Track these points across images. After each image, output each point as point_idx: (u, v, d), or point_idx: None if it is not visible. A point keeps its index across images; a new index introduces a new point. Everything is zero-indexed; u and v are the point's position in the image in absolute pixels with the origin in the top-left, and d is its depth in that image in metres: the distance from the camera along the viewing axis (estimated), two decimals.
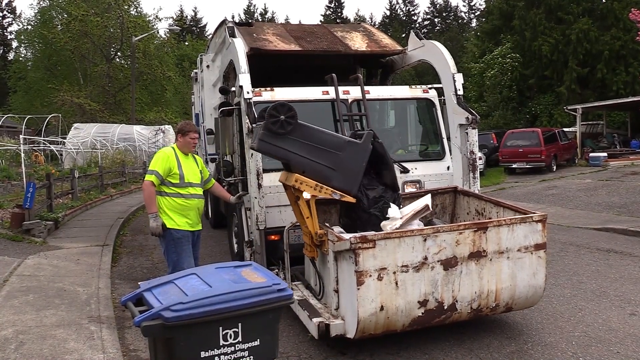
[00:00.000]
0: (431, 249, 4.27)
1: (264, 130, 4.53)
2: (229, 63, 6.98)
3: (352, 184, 4.61)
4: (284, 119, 4.47)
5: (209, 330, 3.00)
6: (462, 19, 69.47)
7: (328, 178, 4.56)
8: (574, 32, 28.82)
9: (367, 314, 4.10)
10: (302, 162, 4.55)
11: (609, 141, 26.25)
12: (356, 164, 4.62)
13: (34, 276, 6.43)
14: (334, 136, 4.77)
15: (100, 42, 36.41)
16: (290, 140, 4.53)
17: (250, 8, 68.85)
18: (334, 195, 4.55)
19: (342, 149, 4.60)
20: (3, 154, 19.60)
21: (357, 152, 4.64)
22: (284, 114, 4.47)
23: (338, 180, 4.57)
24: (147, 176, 5.04)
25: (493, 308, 4.61)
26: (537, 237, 4.64)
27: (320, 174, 4.55)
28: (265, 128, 4.51)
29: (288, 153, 4.56)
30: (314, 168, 4.55)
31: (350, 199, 4.62)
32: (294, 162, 4.60)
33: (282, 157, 4.65)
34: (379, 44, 7.69)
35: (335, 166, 4.57)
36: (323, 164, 4.56)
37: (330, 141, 4.63)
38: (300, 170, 4.56)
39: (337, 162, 4.57)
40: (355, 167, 4.62)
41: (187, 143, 5.19)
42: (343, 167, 4.58)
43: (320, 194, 4.53)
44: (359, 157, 4.63)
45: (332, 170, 4.56)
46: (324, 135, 4.67)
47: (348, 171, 4.59)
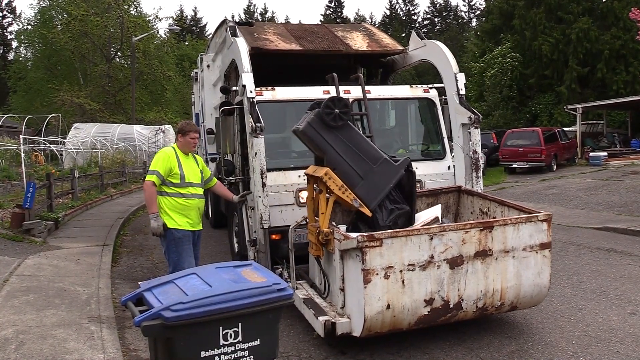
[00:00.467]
0: (437, 248, 4.27)
1: (315, 117, 4.67)
2: (230, 62, 6.97)
3: (374, 198, 4.69)
4: (338, 113, 4.63)
5: (209, 330, 3.00)
6: (462, 19, 69.53)
7: (354, 184, 4.66)
8: (574, 32, 28.82)
9: (373, 312, 4.10)
10: (337, 159, 4.68)
11: (609, 140, 26.24)
12: (384, 182, 4.72)
13: (34, 276, 6.43)
14: (373, 149, 4.87)
15: (100, 42, 36.41)
16: (334, 136, 4.69)
17: (250, 8, 68.90)
18: (354, 202, 4.63)
19: (376, 162, 4.72)
20: (3, 154, 19.59)
21: (389, 172, 4.74)
22: (339, 108, 4.64)
23: (362, 190, 4.66)
24: (147, 176, 5.04)
25: (498, 307, 4.61)
26: (542, 236, 4.65)
27: (348, 177, 4.66)
28: (318, 116, 4.66)
29: (328, 146, 4.69)
30: (346, 169, 4.67)
31: (367, 212, 4.67)
32: (330, 156, 4.71)
33: (321, 147, 4.75)
34: (380, 44, 7.68)
35: (365, 176, 4.68)
36: (355, 169, 4.68)
37: (369, 151, 4.77)
38: (332, 167, 4.67)
39: (367, 173, 4.69)
40: (382, 184, 4.71)
41: (187, 143, 5.18)
42: (371, 180, 4.69)
43: (343, 195, 4.59)
44: (388, 176, 4.73)
45: (360, 178, 4.67)
46: (365, 144, 4.82)
47: (374, 185, 4.69)
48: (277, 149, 6.63)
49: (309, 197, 5.04)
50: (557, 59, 29.79)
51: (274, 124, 6.45)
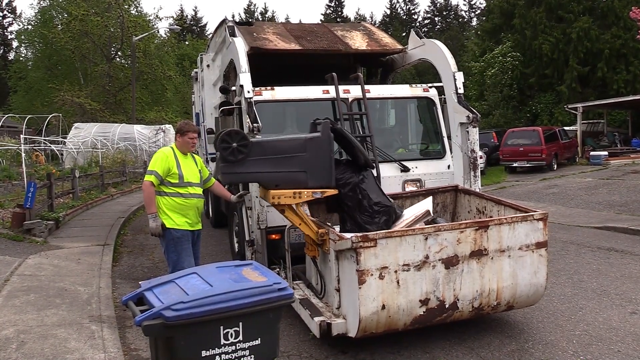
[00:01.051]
0: (432, 248, 4.27)
1: (222, 163, 4.48)
2: (230, 62, 6.97)
3: (328, 178, 4.60)
4: (236, 146, 4.41)
5: (210, 330, 3.01)
6: (462, 18, 69.49)
7: (303, 182, 4.54)
8: (575, 31, 28.78)
9: (368, 312, 4.10)
10: (272, 177, 4.52)
11: (610, 140, 26.22)
12: (324, 158, 4.59)
13: (35, 276, 6.43)
14: (292, 140, 4.70)
15: (101, 41, 36.42)
16: (251, 162, 4.48)
17: (250, 7, 68.89)
18: (315, 195, 4.54)
19: (305, 149, 4.55)
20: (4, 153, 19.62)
21: (320, 146, 4.59)
22: (235, 141, 4.41)
23: (313, 180, 4.55)
24: (146, 176, 5.04)
25: (494, 307, 4.61)
26: (538, 235, 4.64)
27: (294, 181, 4.53)
28: (222, 159, 4.46)
29: (255, 175, 4.54)
30: (285, 178, 4.53)
31: (332, 192, 4.62)
32: (263, 180, 4.59)
33: (250, 180, 4.67)
34: (380, 43, 7.69)
35: (305, 168, 4.54)
36: (292, 171, 4.53)
37: (290, 146, 4.59)
38: (273, 186, 4.54)
39: (304, 164, 4.54)
40: (324, 161, 4.59)
41: (185, 143, 5.19)
42: (312, 166, 4.55)
43: (302, 199, 4.53)
44: (324, 150, 4.59)
45: (303, 173, 4.54)
46: (282, 143, 4.63)
47: (319, 168, 4.57)
48: None
49: (281, 213, 4.90)
50: (558, 58, 29.76)
51: (274, 123, 6.46)
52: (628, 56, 28.61)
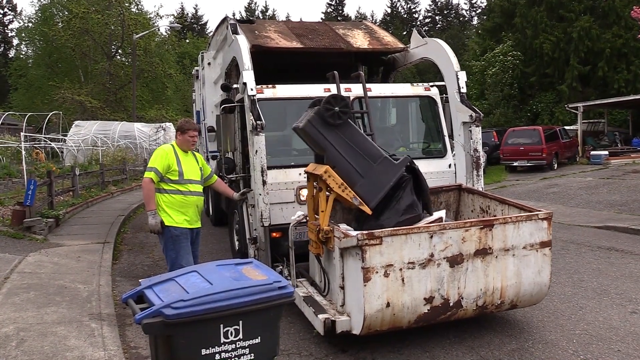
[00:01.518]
0: (437, 246, 4.27)
1: (315, 115, 4.65)
2: (231, 60, 6.96)
3: (374, 197, 4.66)
4: (338, 111, 4.61)
5: (210, 328, 3.00)
6: (463, 17, 69.50)
7: (354, 182, 4.64)
8: (576, 30, 28.75)
9: (373, 310, 4.10)
10: (337, 157, 4.66)
11: (610, 139, 26.22)
12: (384, 180, 4.68)
13: (35, 273, 6.43)
14: (373, 147, 4.85)
15: (101, 39, 36.44)
16: (334, 134, 4.67)
17: (251, 6, 68.87)
18: (354, 200, 4.60)
19: (377, 160, 4.69)
20: (4, 151, 19.62)
21: (389, 170, 4.70)
22: (339, 105, 4.62)
23: (362, 188, 4.64)
24: (146, 173, 5.03)
25: (498, 305, 4.61)
26: (543, 234, 4.64)
27: (348, 175, 4.63)
28: (318, 114, 4.64)
29: (328, 144, 4.68)
30: (346, 167, 4.65)
31: (367, 210, 4.65)
32: (329, 154, 4.70)
33: (321, 145, 4.74)
34: (381, 42, 7.67)
35: (365, 174, 4.66)
36: (355, 167, 4.66)
37: (369, 149, 4.75)
38: (331, 165, 4.66)
39: (367, 171, 4.67)
40: (382, 183, 4.67)
41: (186, 141, 5.17)
42: (371, 178, 4.66)
43: (343, 193, 4.57)
44: (389, 175, 4.69)
45: (360, 177, 4.65)
46: (365, 142, 4.79)
47: (374, 183, 4.66)
48: (278, 147, 6.62)
49: (309, 195, 5.03)
50: (559, 58, 29.74)
51: (275, 121, 6.45)
52: (629, 55, 28.59)
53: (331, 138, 4.68)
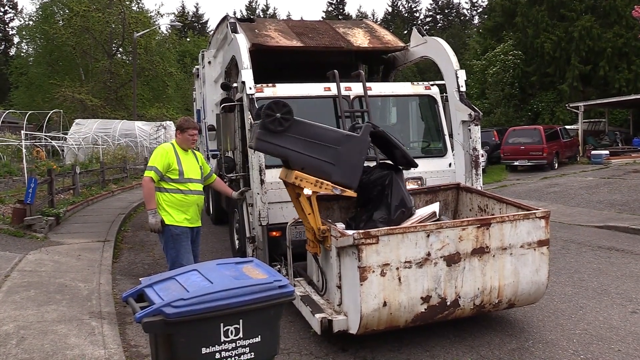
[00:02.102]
0: (434, 245, 4.26)
1: (260, 129, 4.47)
2: (231, 59, 6.96)
3: (353, 178, 4.56)
4: (280, 117, 4.41)
5: (210, 327, 3.00)
6: (464, 16, 69.39)
7: (328, 173, 4.50)
8: (577, 30, 28.73)
9: (370, 309, 4.10)
10: (301, 158, 4.50)
11: (611, 139, 26.19)
12: (356, 158, 4.56)
13: (35, 272, 6.43)
14: (332, 131, 4.70)
15: (102, 37, 36.42)
16: (287, 137, 4.47)
17: (251, 4, 68.77)
18: (335, 190, 4.51)
19: (340, 143, 4.53)
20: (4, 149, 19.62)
21: (356, 146, 4.57)
22: (279, 111, 4.42)
23: (338, 175, 4.50)
24: (146, 172, 5.03)
25: (496, 304, 4.61)
26: (540, 233, 4.64)
27: (319, 170, 4.50)
28: (262, 126, 4.46)
29: (286, 150, 4.50)
30: (313, 164, 4.50)
31: (351, 194, 4.58)
32: (293, 159, 4.55)
33: (280, 154, 4.61)
34: (381, 41, 7.67)
35: (335, 161, 4.50)
36: (322, 160, 4.50)
37: (329, 136, 4.57)
38: (299, 167, 4.52)
39: (336, 157, 4.50)
40: (355, 161, 4.56)
41: (186, 140, 5.17)
42: (342, 162, 4.51)
43: (321, 190, 4.49)
44: (358, 151, 4.57)
45: (331, 165, 4.50)
46: (322, 130, 4.61)
47: (348, 165, 4.53)
48: None
49: (292, 200, 4.95)
50: (559, 57, 29.71)
51: None
52: (630, 55, 28.56)
53: (286, 144, 4.49)
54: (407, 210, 5.04)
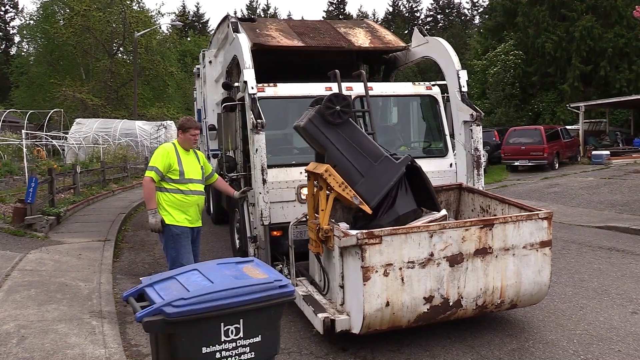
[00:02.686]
0: (437, 245, 4.27)
1: (316, 113, 4.68)
2: (232, 58, 6.96)
3: (374, 196, 4.65)
4: (339, 110, 4.63)
5: (211, 326, 3.00)
6: (465, 16, 69.39)
7: (355, 181, 4.63)
8: (578, 30, 28.72)
9: (372, 309, 4.10)
10: (338, 156, 4.67)
11: (612, 139, 26.19)
12: (385, 179, 4.67)
13: (36, 271, 6.44)
14: (375, 146, 4.84)
15: (103, 37, 36.42)
16: (335, 133, 4.68)
17: (252, 4, 68.79)
18: (354, 199, 4.59)
19: (378, 160, 4.69)
20: (5, 148, 19.63)
21: (390, 169, 4.69)
22: (339, 104, 4.64)
23: (363, 187, 4.63)
24: (146, 172, 5.03)
25: (498, 305, 4.61)
26: (543, 234, 4.64)
27: (349, 174, 4.63)
28: (319, 112, 4.67)
29: (329, 143, 4.68)
30: (346, 166, 4.65)
31: (367, 209, 4.64)
32: (330, 153, 4.70)
33: (322, 144, 4.74)
34: (382, 40, 7.66)
35: (365, 173, 4.65)
36: (355, 167, 4.66)
37: (370, 149, 4.75)
38: (332, 164, 4.65)
39: (368, 170, 4.66)
40: (383, 182, 4.67)
41: (187, 139, 5.17)
42: (372, 177, 4.65)
43: (344, 192, 4.57)
44: (389, 174, 4.69)
45: (360, 176, 4.65)
46: (366, 141, 4.79)
47: (375, 182, 4.65)
48: (279, 146, 6.62)
49: (309, 194, 5.03)
50: (560, 57, 29.71)
51: (276, 120, 6.45)
52: (631, 55, 28.58)
53: (332, 137, 4.68)
54: (412, 212, 5.03)
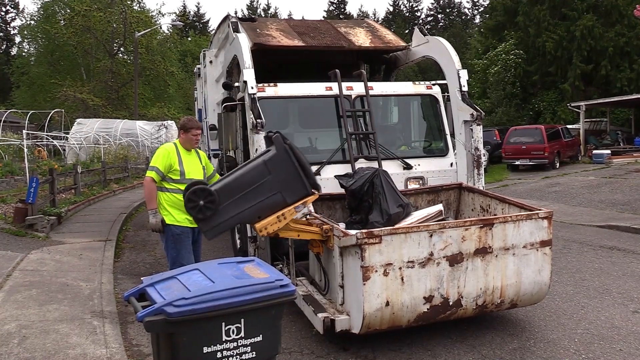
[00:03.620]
0: (437, 245, 4.27)
1: (199, 223, 4.33)
2: (233, 58, 6.96)
3: (303, 187, 4.43)
4: (203, 204, 4.20)
5: (212, 326, 3.00)
6: (465, 15, 69.37)
7: (282, 202, 4.35)
8: (578, 29, 28.70)
9: (372, 309, 4.10)
10: (251, 212, 4.33)
11: (613, 138, 26.17)
12: (289, 171, 4.40)
13: (37, 271, 6.44)
14: (253, 168, 4.42)
15: (103, 37, 36.44)
16: (224, 209, 4.25)
17: (253, 4, 68.79)
18: (298, 209, 4.38)
19: (267, 172, 4.35)
20: (6, 149, 19.64)
21: (281, 161, 4.40)
22: (202, 198, 4.20)
23: (290, 196, 4.37)
24: (147, 172, 5.03)
25: (498, 304, 4.61)
26: (543, 233, 4.64)
27: (273, 206, 4.35)
28: (196, 219, 4.31)
29: (235, 218, 4.33)
30: (264, 207, 4.33)
31: (313, 198, 4.50)
32: (245, 219, 4.41)
33: (233, 225, 4.59)
34: (383, 40, 7.66)
35: (277, 189, 4.35)
36: (268, 197, 4.34)
37: (253, 176, 4.34)
38: (256, 219, 4.36)
39: (274, 185, 4.34)
40: (292, 173, 4.41)
41: (189, 139, 5.17)
42: (283, 184, 4.36)
43: (286, 220, 4.38)
44: (286, 164, 4.41)
45: (278, 195, 4.35)
46: (245, 176, 4.36)
47: (290, 182, 4.40)
48: None
49: (281, 237, 4.78)
50: (561, 56, 29.69)
51: (276, 120, 6.44)
52: (632, 54, 28.55)
53: (227, 214, 4.27)
54: (405, 206, 5.06)
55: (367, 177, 5.19)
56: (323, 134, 6.75)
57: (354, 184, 5.21)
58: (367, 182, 5.15)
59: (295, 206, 4.38)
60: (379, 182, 5.14)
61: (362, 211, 5.18)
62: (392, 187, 5.24)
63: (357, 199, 5.21)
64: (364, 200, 5.14)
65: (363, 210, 5.18)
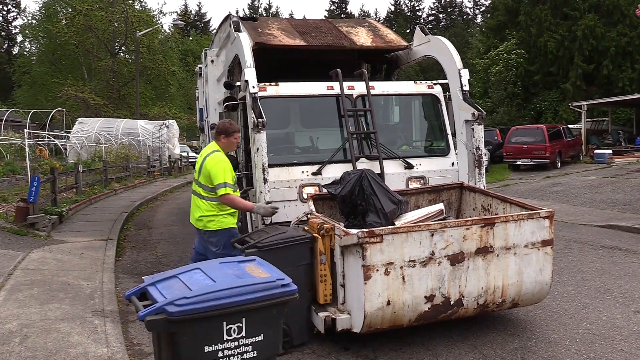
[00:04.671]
0: (438, 244, 4.26)
1: None
2: (234, 58, 6.96)
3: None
4: None
5: (213, 325, 3.00)
6: (467, 15, 69.38)
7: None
8: (580, 28, 28.67)
9: (373, 308, 4.10)
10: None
11: (614, 138, 26.14)
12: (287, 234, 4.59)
13: (38, 270, 6.45)
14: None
15: (105, 36, 36.46)
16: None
17: (254, 3, 68.84)
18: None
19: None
20: (8, 148, 19.65)
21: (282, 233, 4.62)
22: None
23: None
24: (222, 190, 4.81)
25: (499, 304, 4.61)
26: (544, 233, 4.63)
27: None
28: None
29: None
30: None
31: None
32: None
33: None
34: (384, 39, 7.66)
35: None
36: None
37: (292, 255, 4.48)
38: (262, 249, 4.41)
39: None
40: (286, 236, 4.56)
41: (231, 144, 5.13)
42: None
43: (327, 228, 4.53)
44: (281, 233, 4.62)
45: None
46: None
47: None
48: (281, 145, 6.62)
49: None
50: (563, 56, 29.66)
51: (278, 119, 6.44)
52: (633, 54, 28.52)
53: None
54: (397, 202, 5.05)
55: (354, 181, 5.12)
56: (324, 133, 6.75)
57: (342, 190, 5.15)
58: (357, 186, 5.10)
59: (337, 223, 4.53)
60: (368, 183, 5.11)
61: (357, 215, 5.16)
62: (381, 185, 5.21)
63: (349, 205, 5.17)
64: (357, 204, 5.11)
65: (359, 214, 5.16)
